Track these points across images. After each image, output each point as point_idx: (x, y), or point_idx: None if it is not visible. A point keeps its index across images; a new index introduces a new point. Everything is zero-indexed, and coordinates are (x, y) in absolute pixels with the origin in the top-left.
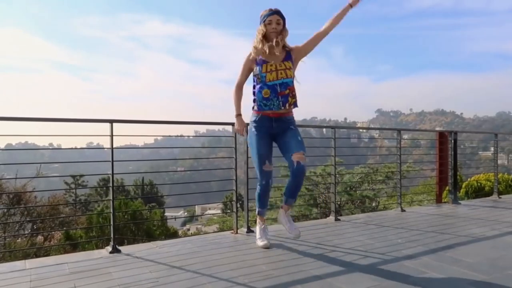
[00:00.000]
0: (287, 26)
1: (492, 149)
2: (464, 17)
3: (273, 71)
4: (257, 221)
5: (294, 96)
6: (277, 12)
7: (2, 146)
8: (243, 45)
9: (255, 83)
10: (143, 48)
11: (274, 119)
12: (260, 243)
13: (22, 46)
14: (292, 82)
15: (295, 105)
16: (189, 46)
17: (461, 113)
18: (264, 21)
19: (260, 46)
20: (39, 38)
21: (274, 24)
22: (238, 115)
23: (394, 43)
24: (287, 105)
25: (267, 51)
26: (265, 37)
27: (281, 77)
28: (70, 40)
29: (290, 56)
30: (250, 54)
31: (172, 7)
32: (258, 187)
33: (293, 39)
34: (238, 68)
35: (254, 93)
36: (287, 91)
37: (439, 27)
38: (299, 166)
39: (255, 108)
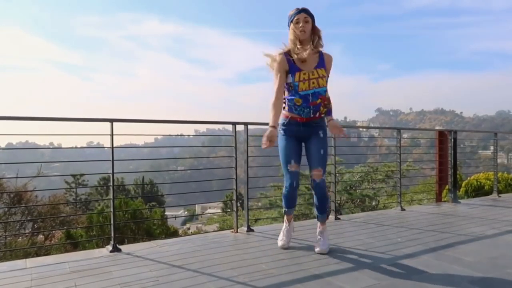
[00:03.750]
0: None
1: (491, 148)
2: (463, 16)
3: (305, 81)
4: (284, 221)
5: (326, 106)
6: (304, 10)
7: (3, 146)
8: (242, 44)
9: (286, 90)
10: (142, 47)
11: (302, 124)
12: (279, 242)
13: (22, 46)
14: (325, 91)
15: (329, 113)
16: (188, 45)
17: (461, 112)
18: (291, 21)
19: (297, 49)
20: (39, 38)
21: (302, 22)
22: (273, 126)
23: (393, 42)
24: (317, 113)
25: (305, 55)
26: (296, 38)
27: (313, 87)
28: (70, 39)
29: (323, 62)
30: (281, 57)
31: (170, 7)
32: (284, 188)
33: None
34: (238, 67)
35: (284, 100)
36: (319, 100)
37: (438, 26)
38: (315, 185)
39: (285, 109)
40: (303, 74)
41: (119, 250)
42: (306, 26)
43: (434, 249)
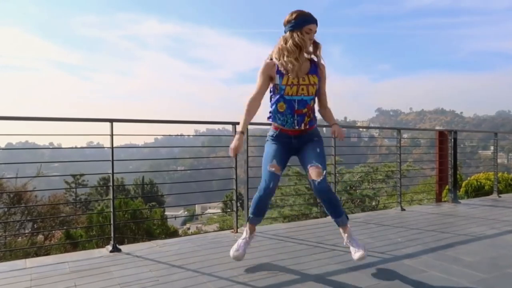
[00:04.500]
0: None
1: (492, 148)
2: (463, 16)
3: (294, 85)
4: (245, 230)
5: (310, 116)
6: (316, 21)
7: (3, 146)
8: (241, 44)
9: (271, 94)
10: (141, 47)
11: (294, 136)
12: (233, 252)
13: (21, 45)
14: (312, 100)
15: (311, 124)
16: (187, 45)
17: (461, 112)
18: (300, 28)
19: (295, 61)
20: (38, 38)
21: (313, 34)
22: (241, 132)
23: (392, 43)
24: (302, 124)
25: (298, 67)
26: (300, 48)
27: (301, 93)
28: (69, 39)
29: (316, 69)
30: (270, 60)
31: (169, 7)
32: (257, 191)
33: None
34: (237, 67)
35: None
36: (305, 109)
37: (437, 26)
38: (318, 187)
39: (272, 122)
40: (292, 79)
41: (119, 250)
42: (313, 38)
43: (434, 249)
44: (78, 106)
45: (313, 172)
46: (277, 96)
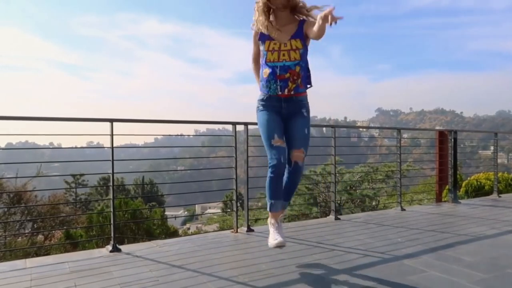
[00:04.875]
0: None
1: (492, 148)
2: (462, 16)
3: (275, 51)
4: (269, 219)
5: (294, 81)
6: None
7: (3, 145)
8: (241, 44)
9: (261, 58)
10: (141, 47)
11: (284, 99)
12: (273, 242)
13: (21, 46)
14: (296, 65)
15: (296, 90)
16: (187, 45)
17: (461, 112)
18: None
19: (261, 19)
20: (38, 38)
21: None
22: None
23: (392, 43)
24: (286, 90)
25: (268, 27)
26: (268, 7)
27: (282, 59)
28: (69, 39)
29: (301, 31)
30: (254, 30)
31: (169, 7)
32: (268, 170)
33: None
34: (237, 67)
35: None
36: (288, 75)
37: (438, 26)
38: (296, 167)
39: (260, 88)
40: (273, 44)
41: (119, 250)
42: None
43: (434, 249)
44: (78, 106)
45: (298, 156)
46: (262, 62)
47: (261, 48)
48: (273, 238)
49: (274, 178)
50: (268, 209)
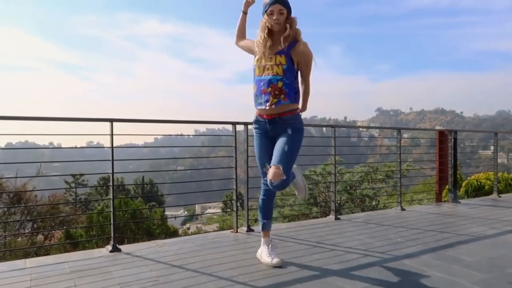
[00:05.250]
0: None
1: (492, 148)
2: (462, 16)
3: (260, 66)
4: (262, 240)
5: (276, 96)
6: (278, 1)
7: (2, 145)
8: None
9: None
10: (141, 47)
11: (268, 121)
12: (270, 260)
13: (20, 46)
14: (279, 80)
15: (278, 104)
16: (186, 45)
17: (461, 112)
18: (266, 11)
19: (261, 34)
20: (37, 38)
21: (276, 14)
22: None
23: (392, 42)
24: (267, 104)
25: (267, 50)
26: (270, 30)
27: (266, 74)
28: (68, 39)
29: (288, 51)
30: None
31: (169, 7)
32: (260, 194)
33: None
34: (237, 67)
35: None
36: (269, 89)
37: (437, 26)
38: (272, 188)
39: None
40: (260, 59)
41: (119, 250)
42: (281, 17)
43: (434, 249)
44: (78, 106)
45: (273, 174)
46: (252, 77)
47: (252, 62)
48: (270, 257)
49: (266, 200)
50: (260, 228)
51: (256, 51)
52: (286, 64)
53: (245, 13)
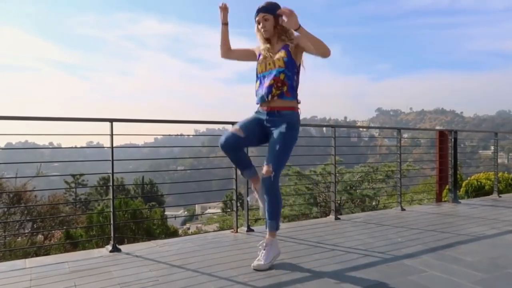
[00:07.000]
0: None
1: (492, 148)
2: (462, 16)
3: (263, 63)
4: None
5: (278, 88)
6: (259, 11)
7: (2, 145)
8: (241, 43)
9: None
10: (140, 47)
11: (266, 113)
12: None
13: (20, 46)
14: (281, 72)
15: (281, 97)
16: (186, 45)
17: (461, 112)
18: (255, 20)
19: (267, 50)
20: (37, 38)
21: (262, 22)
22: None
23: (392, 42)
24: (269, 96)
25: (267, 53)
26: (261, 36)
27: (269, 68)
28: (68, 39)
29: (287, 47)
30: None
31: (168, 6)
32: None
33: None
34: (237, 67)
35: None
36: (272, 81)
37: (437, 26)
38: (262, 182)
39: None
40: (262, 58)
41: (118, 250)
42: (267, 24)
43: (434, 249)
44: (77, 106)
45: (264, 172)
46: (256, 75)
47: (256, 64)
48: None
49: (226, 153)
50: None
51: (257, 54)
52: (287, 56)
53: (225, 24)
